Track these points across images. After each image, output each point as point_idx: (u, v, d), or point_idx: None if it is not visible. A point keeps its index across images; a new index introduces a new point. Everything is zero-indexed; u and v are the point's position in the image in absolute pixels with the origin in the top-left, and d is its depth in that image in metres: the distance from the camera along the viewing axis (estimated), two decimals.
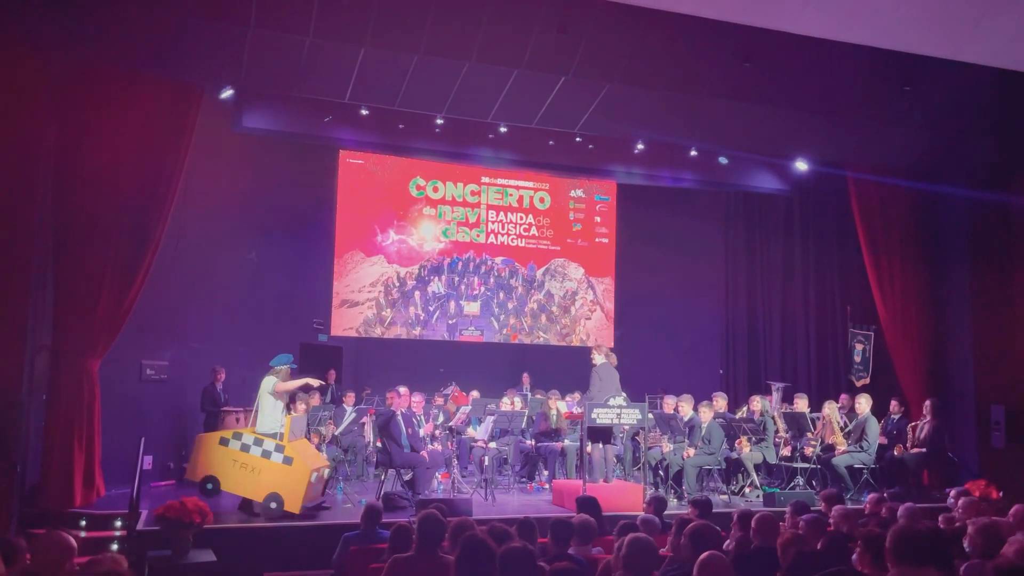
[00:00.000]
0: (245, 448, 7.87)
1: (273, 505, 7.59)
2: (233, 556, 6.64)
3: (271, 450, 7.80)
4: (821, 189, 12.45)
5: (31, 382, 7.50)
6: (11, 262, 7.22)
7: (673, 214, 13.42)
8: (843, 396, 11.07)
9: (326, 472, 8.23)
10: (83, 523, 7.35)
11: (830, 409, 9.98)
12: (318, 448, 8.76)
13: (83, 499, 7.76)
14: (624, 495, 8.43)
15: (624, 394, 9.29)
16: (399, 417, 8.69)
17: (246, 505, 7.83)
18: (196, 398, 9.90)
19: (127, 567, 3.26)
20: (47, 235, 7.82)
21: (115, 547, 6.80)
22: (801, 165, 11.57)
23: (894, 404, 10.47)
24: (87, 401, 7.89)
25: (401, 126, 10.28)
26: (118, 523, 7.24)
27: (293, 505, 7.58)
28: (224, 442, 7.99)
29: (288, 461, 7.72)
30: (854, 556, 4.25)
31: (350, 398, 10.68)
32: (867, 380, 11.88)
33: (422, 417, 9.34)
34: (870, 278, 11.49)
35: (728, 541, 5.29)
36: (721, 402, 10.15)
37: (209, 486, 7.91)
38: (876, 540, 4.01)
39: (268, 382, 8.02)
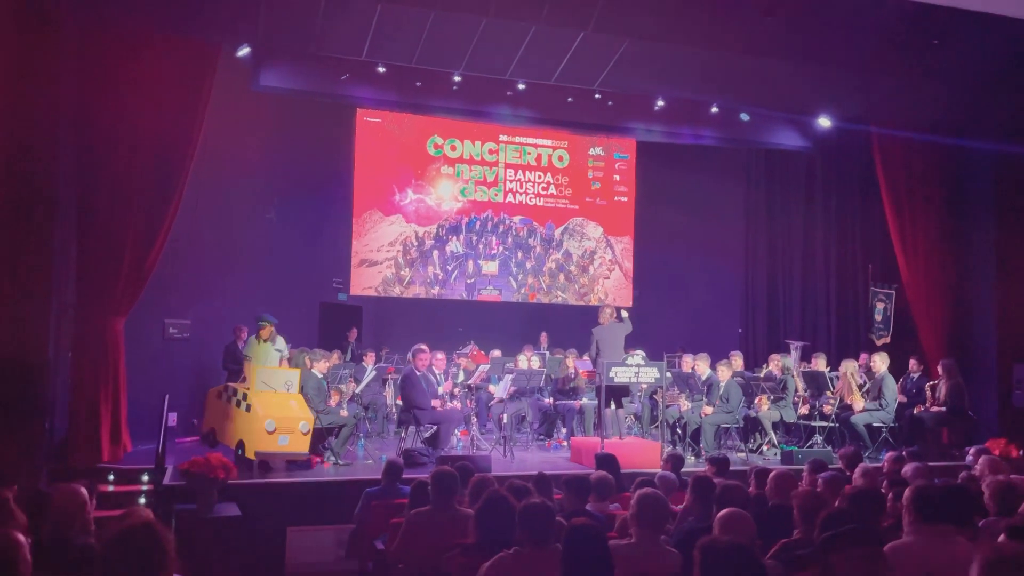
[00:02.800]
0: (228, 400, 8.28)
1: (240, 452, 7.77)
2: (257, 510, 6.78)
3: (241, 399, 8.06)
4: (844, 146, 12.25)
5: (57, 340, 7.63)
6: (34, 222, 7.28)
7: (693, 172, 13.28)
8: (863, 355, 11.01)
9: (303, 426, 7.83)
10: (111, 477, 7.52)
11: (848, 368, 9.94)
12: (338, 405, 8.84)
13: (111, 454, 7.92)
14: (642, 452, 8.49)
15: (642, 352, 9.31)
16: (421, 377, 8.76)
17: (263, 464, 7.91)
18: (218, 356, 10.03)
19: (152, 518, 3.34)
20: (70, 195, 7.88)
21: (143, 501, 6.96)
22: (824, 122, 11.37)
23: (913, 363, 10.40)
24: (112, 359, 8.01)
25: (418, 84, 10.18)
26: (145, 478, 7.40)
27: (249, 451, 7.68)
28: (218, 395, 8.48)
29: (247, 408, 7.89)
30: None
31: (370, 357, 10.77)
32: (888, 339, 11.80)
33: (441, 375, 9.42)
34: (892, 236, 11.35)
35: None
36: (737, 360, 10.14)
37: (212, 438, 8.36)
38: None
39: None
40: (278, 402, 7.99)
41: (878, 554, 3.04)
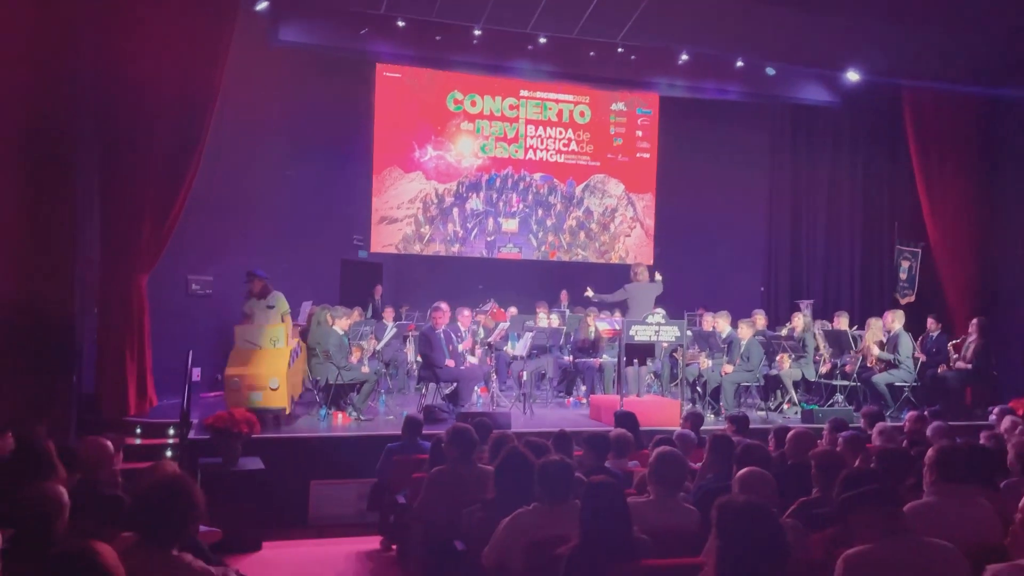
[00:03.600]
0: None
1: None
2: (280, 464, 6.89)
3: None
4: (872, 101, 11.99)
5: (83, 297, 7.72)
6: (56, 179, 7.32)
7: (717, 128, 13.06)
8: (887, 314, 10.90)
9: (273, 382, 7.83)
10: (138, 431, 7.67)
11: (871, 326, 9.84)
12: (359, 362, 8.91)
13: (137, 408, 8.05)
14: (662, 410, 8.51)
15: (662, 311, 9.28)
16: (440, 335, 8.79)
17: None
18: (241, 312, 10.10)
19: (179, 471, 3.41)
20: (91, 151, 7.90)
21: (169, 454, 7.09)
22: (852, 75, 11.11)
23: (931, 322, 10.29)
24: (136, 315, 8.10)
25: (438, 38, 10.06)
26: (171, 431, 7.53)
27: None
28: None
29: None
30: None
31: (389, 313, 10.83)
32: (912, 298, 11.67)
33: (467, 332, 9.46)
34: (920, 193, 11.15)
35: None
36: (760, 319, 10.09)
37: None
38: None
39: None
40: (250, 359, 7.99)
41: (898, 514, 3.03)
